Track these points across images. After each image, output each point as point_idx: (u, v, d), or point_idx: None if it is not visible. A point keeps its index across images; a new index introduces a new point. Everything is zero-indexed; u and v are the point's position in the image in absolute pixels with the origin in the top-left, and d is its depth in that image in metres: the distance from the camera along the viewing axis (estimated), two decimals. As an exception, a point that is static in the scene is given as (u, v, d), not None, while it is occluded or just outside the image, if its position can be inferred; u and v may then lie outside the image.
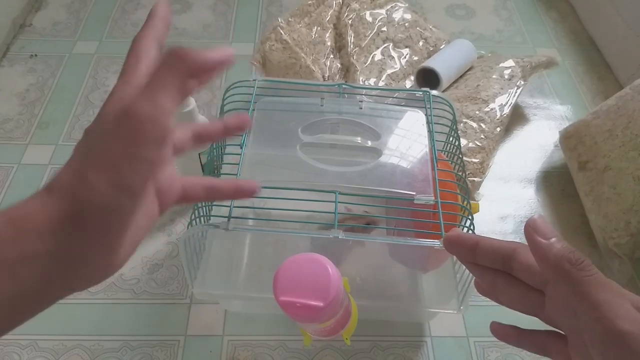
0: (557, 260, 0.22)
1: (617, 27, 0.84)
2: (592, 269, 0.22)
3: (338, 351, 0.53)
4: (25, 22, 0.90)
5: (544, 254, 0.23)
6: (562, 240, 0.23)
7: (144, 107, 0.21)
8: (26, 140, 0.72)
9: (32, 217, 0.20)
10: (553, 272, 0.23)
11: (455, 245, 0.28)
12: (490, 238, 0.27)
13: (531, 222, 0.24)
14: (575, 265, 0.22)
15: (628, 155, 0.59)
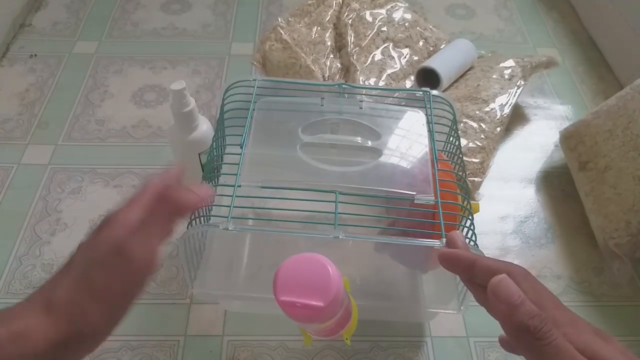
0: (517, 329, 0.23)
1: (618, 27, 0.84)
2: (550, 336, 0.22)
3: (338, 351, 0.53)
4: (25, 22, 0.90)
5: (505, 321, 0.23)
6: (524, 302, 0.23)
7: (143, 254, 0.25)
8: (26, 140, 0.72)
9: (31, 336, 0.23)
10: (514, 339, 0.23)
11: (451, 263, 0.29)
12: (487, 258, 0.28)
13: (493, 286, 0.24)
14: (534, 334, 0.22)
15: (628, 155, 0.59)
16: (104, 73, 0.82)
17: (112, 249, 0.25)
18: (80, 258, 0.26)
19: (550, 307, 0.25)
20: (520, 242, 0.63)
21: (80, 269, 0.25)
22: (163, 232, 0.28)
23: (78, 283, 0.25)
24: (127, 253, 0.25)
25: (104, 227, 0.27)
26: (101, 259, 0.25)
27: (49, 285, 0.26)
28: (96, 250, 0.26)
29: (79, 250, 0.27)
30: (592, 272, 0.61)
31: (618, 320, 0.56)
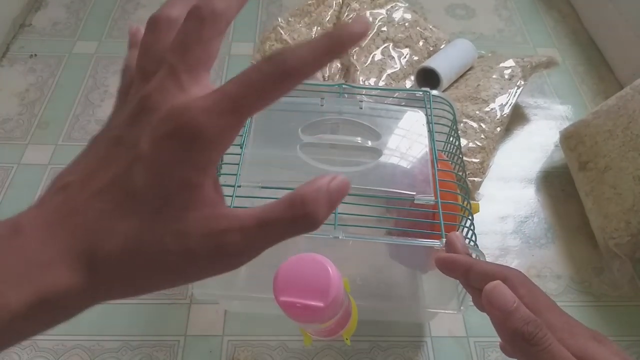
0: (512, 335, 0.23)
1: (618, 27, 0.84)
2: (545, 341, 0.22)
3: (338, 351, 0.53)
4: (25, 22, 0.90)
5: (500, 327, 0.23)
6: (519, 309, 0.23)
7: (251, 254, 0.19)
8: (26, 140, 0.72)
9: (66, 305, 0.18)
10: (509, 345, 0.23)
11: (448, 268, 0.29)
12: (483, 262, 0.28)
13: (487, 293, 0.24)
14: (529, 340, 0.22)
15: (628, 155, 0.59)
16: (104, 73, 0.82)
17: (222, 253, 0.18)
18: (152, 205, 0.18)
19: (546, 312, 0.25)
20: (520, 242, 0.63)
21: (150, 225, 0.18)
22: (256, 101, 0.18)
23: (144, 247, 0.18)
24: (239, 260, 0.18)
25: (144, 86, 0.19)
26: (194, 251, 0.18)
27: (92, 216, 0.17)
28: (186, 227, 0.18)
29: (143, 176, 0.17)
30: (592, 272, 0.61)
31: (618, 320, 0.56)
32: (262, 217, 0.18)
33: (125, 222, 0.17)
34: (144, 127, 0.18)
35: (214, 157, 0.18)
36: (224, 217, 0.18)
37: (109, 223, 0.17)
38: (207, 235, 0.18)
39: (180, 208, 0.18)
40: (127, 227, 0.17)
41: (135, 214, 0.18)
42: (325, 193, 0.19)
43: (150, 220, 0.18)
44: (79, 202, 0.18)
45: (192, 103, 0.17)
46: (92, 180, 0.18)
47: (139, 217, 0.18)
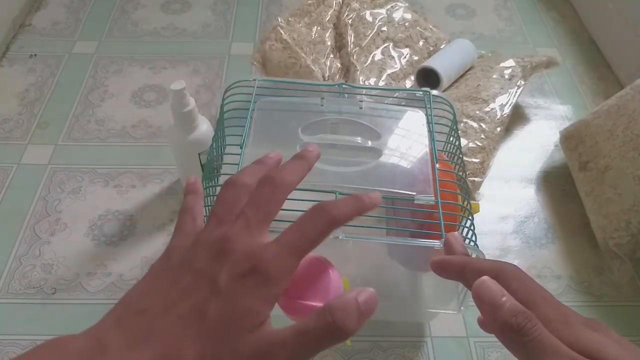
0: (501, 328, 0.23)
1: (618, 27, 0.84)
2: (534, 332, 0.22)
3: (338, 351, 0.53)
4: (24, 22, 0.90)
5: (490, 320, 0.24)
6: (507, 301, 0.23)
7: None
8: (26, 140, 0.72)
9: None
10: (500, 338, 0.24)
11: (443, 270, 0.29)
12: (477, 260, 0.28)
13: (475, 288, 0.25)
14: (517, 331, 0.22)
15: (628, 155, 0.59)
16: (103, 73, 0.82)
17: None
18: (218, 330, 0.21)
19: (541, 304, 0.25)
20: (520, 242, 0.63)
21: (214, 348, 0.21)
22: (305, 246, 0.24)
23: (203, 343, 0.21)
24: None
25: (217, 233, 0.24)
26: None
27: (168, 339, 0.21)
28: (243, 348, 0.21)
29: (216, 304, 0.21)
30: (593, 272, 0.61)
31: (618, 321, 0.56)
32: (298, 329, 0.22)
33: (195, 344, 0.21)
34: (223, 265, 0.22)
35: (277, 292, 0.23)
36: (269, 334, 0.22)
37: (182, 347, 0.21)
38: (256, 352, 0.21)
39: (242, 331, 0.21)
40: (196, 349, 0.21)
41: (205, 338, 0.21)
42: (353, 301, 0.22)
43: (215, 342, 0.21)
44: (158, 326, 0.21)
45: (265, 249, 0.23)
46: (173, 308, 0.21)
47: (207, 340, 0.21)
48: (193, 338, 0.21)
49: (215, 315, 0.21)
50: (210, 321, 0.21)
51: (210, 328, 0.21)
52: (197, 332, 0.21)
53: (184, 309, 0.21)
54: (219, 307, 0.21)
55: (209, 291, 0.22)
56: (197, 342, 0.21)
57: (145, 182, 0.67)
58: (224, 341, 0.21)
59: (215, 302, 0.21)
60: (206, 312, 0.21)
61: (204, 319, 0.21)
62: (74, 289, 0.56)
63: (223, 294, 0.21)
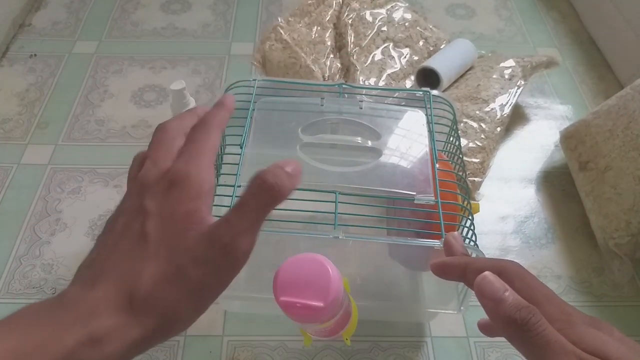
0: (505, 323, 0.23)
1: (618, 27, 0.84)
2: (539, 327, 0.22)
3: (338, 351, 0.53)
4: (24, 22, 0.90)
5: (493, 317, 0.23)
6: (510, 296, 0.23)
7: (245, 246, 0.23)
8: (25, 140, 0.72)
9: (112, 339, 0.20)
10: (503, 333, 0.23)
11: (443, 272, 0.29)
12: (479, 260, 0.28)
13: (477, 284, 0.24)
14: (522, 326, 0.22)
15: (628, 155, 0.59)
16: (103, 73, 0.82)
17: (220, 249, 0.22)
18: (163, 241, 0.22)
19: (544, 303, 0.25)
20: (520, 242, 0.63)
21: (167, 257, 0.22)
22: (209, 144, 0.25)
23: (168, 276, 0.21)
24: (235, 250, 0.22)
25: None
26: (203, 257, 0.22)
27: (120, 269, 0.21)
28: (192, 243, 0.22)
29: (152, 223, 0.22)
30: (593, 272, 0.61)
31: (618, 321, 0.56)
32: (236, 204, 0.23)
33: (147, 261, 0.21)
34: (146, 195, 0.23)
35: (204, 189, 0.23)
36: (212, 221, 0.23)
37: (135, 268, 0.21)
38: (206, 240, 0.22)
39: (185, 230, 0.22)
40: (150, 265, 0.21)
41: (154, 254, 0.22)
42: (280, 167, 0.24)
43: (165, 251, 0.22)
44: (109, 265, 0.22)
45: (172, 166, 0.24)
46: (116, 247, 0.22)
47: (157, 254, 0.22)
48: (144, 258, 0.21)
49: (154, 231, 0.22)
50: (152, 238, 0.22)
51: (155, 243, 0.22)
52: (145, 251, 0.22)
53: (126, 244, 0.22)
54: (156, 224, 0.22)
55: (142, 218, 0.23)
56: (147, 260, 0.21)
57: (145, 182, 0.67)
58: (171, 247, 0.22)
59: (150, 223, 0.22)
60: (145, 233, 0.22)
61: (145, 240, 0.22)
62: (74, 289, 0.56)
63: (155, 214, 0.22)
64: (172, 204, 0.23)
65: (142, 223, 0.22)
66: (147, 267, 0.21)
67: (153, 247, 0.22)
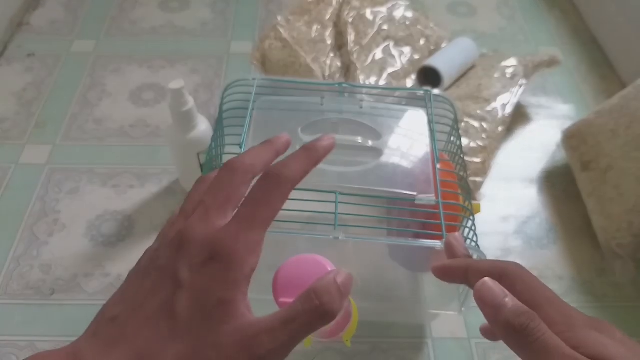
0: (504, 329, 0.23)
1: (620, 26, 0.84)
2: (538, 332, 0.22)
3: (338, 353, 0.53)
4: (22, 21, 0.90)
5: (492, 321, 0.23)
6: (509, 301, 0.23)
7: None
8: (23, 139, 0.71)
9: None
10: (504, 340, 0.23)
11: (445, 275, 0.29)
12: (480, 261, 0.27)
13: (476, 291, 0.24)
14: (521, 332, 0.22)
15: (631, 155, 0.58)
16: (102, 72, 0.81)
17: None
18: (193, 327, 0.20)
19: (545, 306, 0.24)
20: (522, 243, 0.63)
21: (193, 346, 0.20)
22: (268, 215, 0.22)
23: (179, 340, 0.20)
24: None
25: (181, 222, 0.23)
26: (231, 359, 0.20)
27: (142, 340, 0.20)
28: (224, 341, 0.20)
29: (183, 300, 0.20)
30: (595, 273, 0.60)
31: (620, 321, 0.56)
32: (284, 316, 0.21)
33: (171, 344, 0.20)
34: (182, 258, 0.21)
35: (245, 273, 0.21)
36: (254, 323, 0.21)
37: (157, 347, 0.20)
38: (241, 343, 0.20)
39: (218, 323, 0.20)
40: (174, 349, 0.20)
41: (180, 336, 0.20)
42: (334, 283, 0.22)
43: (193, 339, 0.20)
44: (129, 331, 0.20)
45: (220, 231, 0.21)
46: (140, 310, 0.21)
47: (183, 338, 0.20)
48: (165, 337, 0.20)
49: (184, 310, 0.20)
50: (181, 318, 0.20)
51: (183, 325, 0.20)
52: (169, 330, 0.20)
53: (150, 309, 0.20)
54: (187, 302, 0.20)
55: (173, 287, 0.21)
56: (171, 341, 0.20)
57: (143, 182, 0.67)
58: (201, 337, 0.20)
59: (181, 298, 0.20)
60: (174, 309, 0.20)
61: (173, 317, 0.20)
62: (72, 290, 0.56)
63: (187, 288, 0.20)
64: (208, 284, 0.20)
65: (173, 294, 0.20)
66: (170, 352, 0.20)
67: (180, 330, 0.20)
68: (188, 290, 0.20)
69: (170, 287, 0.21)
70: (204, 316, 0.20)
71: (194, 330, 0.20)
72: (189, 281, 0.20)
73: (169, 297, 0.20)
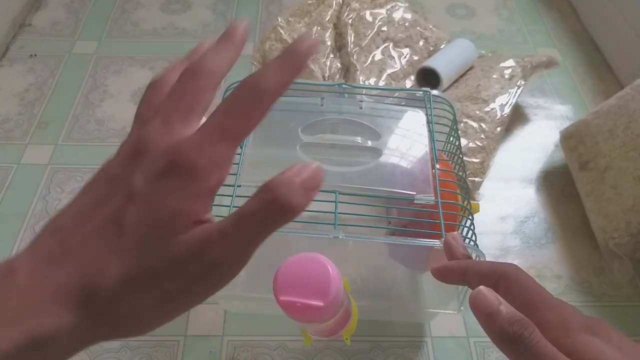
0: (499, 337, 0.23)
1: (618, 27, 0.84)
2: (530, 340, 0.22)
3: (338, 351, 0.53)
4: (24, 22, 0.90)
5: (487, 329, 0.24)
6: (503, 310, 0.23)
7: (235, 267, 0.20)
8: (25, 140, 0.72)
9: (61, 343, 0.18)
10: (498, 347, 0.23)
11: (444, 277, 0.29)
12: (477, 263, 0.28)
13: (471, 300, 0.24)
14: (514, 340, 0.22)
15: (629, 155, 0.58)
16: (103, 73, 0.82)
17: (206, 265, 0.18)
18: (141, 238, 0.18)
19: (541, 308, 0.24)
20: (520, 243, 0.63)
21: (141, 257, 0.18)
22: (240, 128, 0.19)
23: (137, 281, 0.18)
24: (223, 272, 0.19)
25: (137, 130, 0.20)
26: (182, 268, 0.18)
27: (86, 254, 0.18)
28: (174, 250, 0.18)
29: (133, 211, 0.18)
30: (593, 273, 0.61)
31: (618, 321, 0.56)
32: (236, 215, 0.19)
33: (117, 256, 0.18)
34: (137, 167, 0.19)
35: (209, 186, 0.19)
36: (205, 229, 0.19)
37: (102, 259, 0.18)
38: (191, 249, 0.18)
39: (170, 234, 0.18)
40: (120, 262, 0.18)
41: (127, 249, 0.18)
42: (296, 177, 0.19)
43: (141, 251, 0.18)
44: (72, 242, 0.18)
45: (183, 141, 0.19)
46: (86, 221, 0.19)
47: (130, 250, 0.18)
48: (112, 251, 0.18)
49: (134, 223, 0.18)
50: (130, 230, 0.18)
51: (131, 237, 0.18)
52: (116, 244, 0.18)
53: (97, 221, 0.18)
54: (138, 214, 0.18)
55: (124, 198, 0.18)
56: (118, 254, 0.18)
57: (145, 182, 0.67)
58: (150, 249, 0.18)
59: (132, 209, 0.18)
60: (123, 222, 0.18)
61: (121, 229, 0.18)
62: (74, 289, 0.56)
63: (140, 199, 0.18)
64: (164, 194, 0.18)
65: (123, 204, 0.18)
66: (115, 263, 0.18)
67: (127, 241, 0.18)
68: (140, 201, 0.18)
69: (121, 197, 0.18)
70: (155, 228, 0.18)
71: (142, 242, 0.18)
72: (142, 192, 0.18)
73: (120, 208, 0.18)
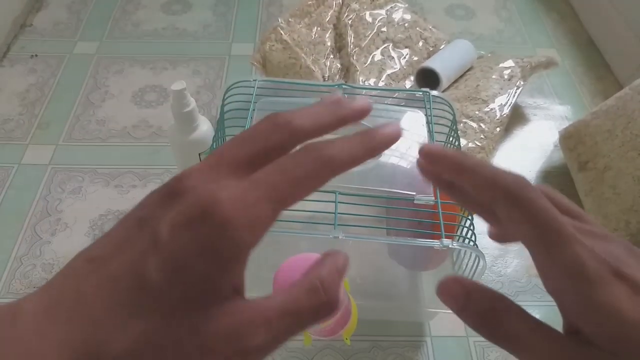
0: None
1: (617, 27, 0.84)
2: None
3: (338, 351, 0.53)
4: (25, 22, 0.90)
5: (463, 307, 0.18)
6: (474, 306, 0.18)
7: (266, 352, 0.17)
8: (26, 140, 0.72)
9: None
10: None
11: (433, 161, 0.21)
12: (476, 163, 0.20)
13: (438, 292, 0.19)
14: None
15: (627, 155, 0.59)
16: (104, 73, 0.82)
17: (239, 353, 0.15)
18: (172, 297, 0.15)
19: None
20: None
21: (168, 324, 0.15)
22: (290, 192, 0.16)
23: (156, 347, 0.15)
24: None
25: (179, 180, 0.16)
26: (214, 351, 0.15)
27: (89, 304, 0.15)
28: (211, 328, 0.15)
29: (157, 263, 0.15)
30: (592, 272, 0.61)
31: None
32: (283, 306, 0.17)
33: (137, 320, 0.15)
34: (166, 209, 0.16)
35: (241, 251, 0.16)
36: (244, 309, 0.16)
37: (118, 319, 0.15)
38: (226, 331, 0.16)
39: (200, 306, 0.15)
40: (139, 327, 0.15)
41: (148, 312, 0.15)
42: (337, 272, 0.18)
43: (165, 319, 0.15)
44: (88, 289, 0.15)
45: (222, 190, 0.16)
46: (106, 264, 0.16)
47: (152, 315, 0.15)
48: (133, 309, 0.15)
49: (157, 280, 0.15)
50: (154, 289, 0.15)
51: (155, 298, 0.15)
52: (137, 301, 0.15)
53: (116, 268, 0.15)
54: (160, 270, 0.15)
55: (147, 245, 0.15)
56: (141, 315, 0.15)
57: (145, 182, 0.67)
58: (177, 320, 0.15)
59: (154, 262, 0.15)
60: (146, 275, 0.15)
61: (144, 285, 0.15)
62: (75, 289, 0.57)
63: (161, 249, 0.15)
64: (188, 251, 0.15)
65: (145, 254, 0.15)
66: (134, 326, 0.15)
67: (151, 303, 0.15)
68: (162, 252, 0.15)
69: (144, 244, 0.16)
70: (183, 294, 0.15)
71: (169, 308, 0.15)
72: (165, 241, 0.15)
73: (141, 256, 0.15)
